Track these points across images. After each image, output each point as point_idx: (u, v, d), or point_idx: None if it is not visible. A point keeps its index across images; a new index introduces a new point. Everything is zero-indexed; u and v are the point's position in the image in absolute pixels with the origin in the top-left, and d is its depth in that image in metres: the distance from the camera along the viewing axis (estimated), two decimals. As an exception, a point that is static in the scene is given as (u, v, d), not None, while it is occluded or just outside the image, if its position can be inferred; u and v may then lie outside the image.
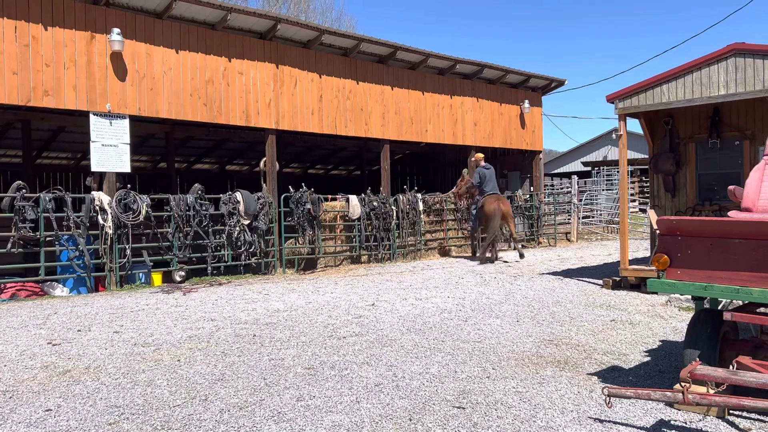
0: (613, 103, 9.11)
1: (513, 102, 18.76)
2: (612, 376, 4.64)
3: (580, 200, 22.45)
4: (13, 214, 9.36)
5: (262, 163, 13.32)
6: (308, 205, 12.68)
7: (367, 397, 4.15)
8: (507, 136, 18.63)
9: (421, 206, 15.21)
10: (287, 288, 9.97)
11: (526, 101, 18.87)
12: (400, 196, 14.92)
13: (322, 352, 5.42)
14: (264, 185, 13.05)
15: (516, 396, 4.15)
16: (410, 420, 3.73)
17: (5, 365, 5.15)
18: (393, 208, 14.54)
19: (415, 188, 15.98)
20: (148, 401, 4.17)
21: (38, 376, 4.83)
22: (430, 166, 24.38)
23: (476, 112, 17.62)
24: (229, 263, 11.80)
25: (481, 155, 14.17)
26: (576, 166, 37.68)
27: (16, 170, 17.22)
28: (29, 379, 4.75)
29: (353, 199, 13.86)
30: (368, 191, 14.43)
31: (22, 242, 9.45)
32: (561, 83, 19.86)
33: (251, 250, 12.02)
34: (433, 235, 15.81)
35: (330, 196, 13.97)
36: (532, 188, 19.68)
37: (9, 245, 9.24)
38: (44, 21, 9.96)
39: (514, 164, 20.96)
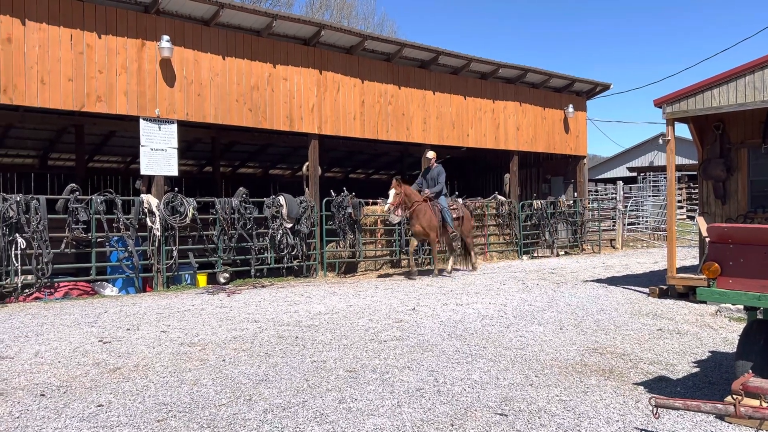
0: (661, 107, 8.91)
1: (557, 106, 18.53)
2: (659, 386, 4.53)
3: (626, 206, 21.99)
4: (66, 216, 9.70)
5: (304, 168, 13.48)
6: (349, 209, 12.76)
7: (408, 402, 4.16)
8: (550, 141, 18.41)
9: (462, 211, 15.11)
10: (328, 291, 10.06)
11: (570, 106, 18.61)
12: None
13: (364, 356, 5.45)
14: (306, 189, 13.20)
15: (560, 404, 4.10)
16: (452, 425, 3.72)
17: (59, 361, 5.34)
18: (434, 212, 14.49)
19: (456, 193, 15.90)
20: (194, 400, 4.26)
21: (90, 372, 4.99)
22: (470, 170, 24.25)
23: (519, 116, 17.46)
24: (271, 266, 11.97)
25: (432, 153, 12.73)
26: (621, 171, 36.91)
27: (70, 173, 17.84)
28: (82, 375, 4.91)
29: (394, 203, 13.87)
30: (409, 196, 14.42)
31: (74, 243, 9.79)
32: (606, 87, 19.52)
33: (293, 253, 12.16)
34: (473, 240, 15.69)
35: (371, 201, 14.03)
36: (575, 194, 19.36)
37: (63, 245, 9.59)
38: (98, 29, 10.31)
39: (557, 169, 20.68)
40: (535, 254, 16.79)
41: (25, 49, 9.66)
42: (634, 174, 32.82)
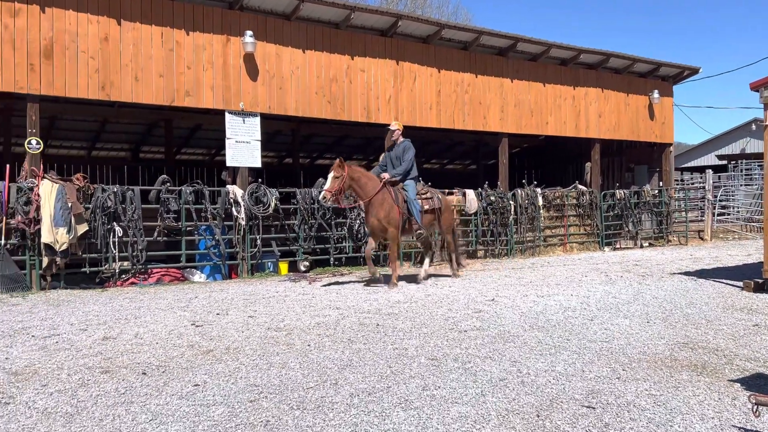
0: (757, 91, 8.40)
1: (641, 92, 17.80)
2: (757, 384, 4.32)
3: (715, 196, 20.89)
4: (158, 206, 10.23)
5: (381, 159, 13.58)
6: (426, 200, 12.76)
7: (492, 391, 4.16)
8: (634, 128, 17.73)
9: (540, 201, 14.86)
10: (405, 280, 10.13)
11: (656, 91, 17.83)
12: (519, 191, 14.66)
13: (444, 344, 5.48)
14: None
15: (649, 399, 3.99)
16: (538, 416, 3.70)
17: (157, 342, 5.67)
18: (511, 203, 14.32)
19: (534, 183, 15.63)
20: (283, 382, 4.43)
21: (185, 354, 5.27)
22: (549, 159, 23.72)
23: (601, 103, 16.91)
24: (350, 254, 12.18)
25: (396, 124, 10.11)
26: (709, 159, 35.03)
27: (159, 165, 18.76)
28: (178, 356, 5.19)
29: (470, 193, 13.81)
30: (485, 186, 14.31)
31: (166, 231, 10.32)
32: (694, 71, 18.56)
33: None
34: (552, 231, 15.40)
35: (447, 191, 14.00)
36: (661, 183, 18.59)
37: (155, 234, 10.13)
38: (186, 27, 10.77)
39: (641, 158, 19.90)
40: (618, 246, 16.27)
41: (121, 48, 10.23)
42: (724, 162, 31.10)
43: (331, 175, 8.91)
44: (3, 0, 9.36)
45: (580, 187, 16.17)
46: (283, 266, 11.62)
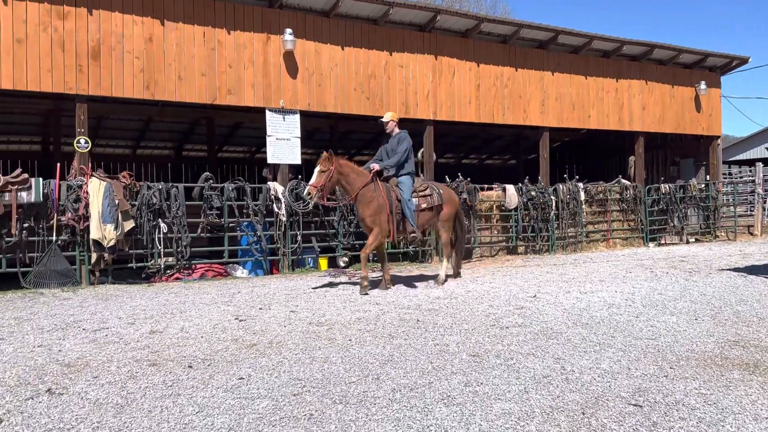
0: (813, 80, 8.07)
1: (687, 83, 17.32)
2: (814, 384, 4.17)
3: (766, 190, 20.18)
4: (201, 202, 10.43)
5: (419, 154, 13.57)
6: (464, 195, 12.71)
7: (535, 388, 4.12)
8: (679, 121, 17.26)
9: (582, 196, 14.61)
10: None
11: (702, 82, 17.31)
12: (560, 186, 14.44)
13: (486, 341, 5.44)
14: (421, 175, 13.29)
15: (699, 398, 3.88)
16: (583, 414, 3.64)
17: (202, 336, 5.78)
18: (552, 198, 14.12)
19: (576, 177, 15.36)
20: (325, 376, 4.47)
21: (230, 347, 5.36)
22: (591, 153, 23.28)
23: (645, 95, 16.51)
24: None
25: (389, 115, 9.26)
26: (759, 152, 33.82)
27: (202, 163, 19.11)
28: (222, 350, 5.29)
29: (510, 188, 13.66)
30: (526, 181, 14.14)
31: (209, 227, 10.51)
32: (744, 61, 17.95)
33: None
34: (595, 226, 15.13)
35: (486, 186, 13.89)
36: (708, 177, 18.07)
37: (199, 230, 10.33)
38: (227, 26, 10.93)
39: (687, 151, 19.36)
40: (663, 241, 15.88)
41: (164, 48, 10.44)
42: (776, 155, 30.01)
43: (317, 170, 8.24)
44: (52, 3, 9.65)
45: (624, 181, 15.83)
46: (323, 262, 11.71)
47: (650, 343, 5.29)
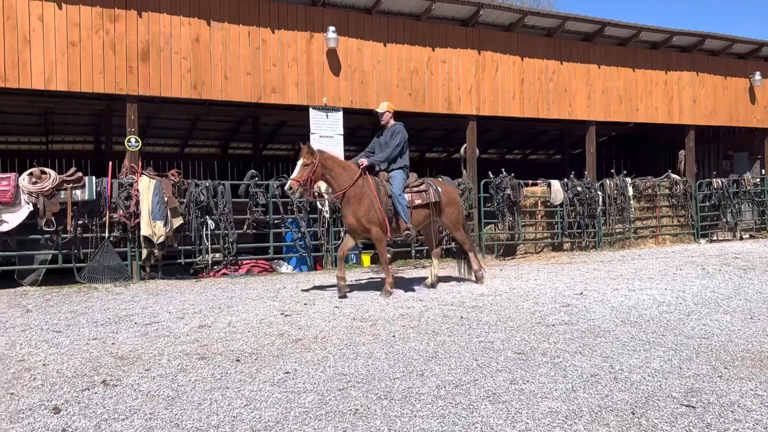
0: None
1: (740, 74, 16.70)
2: None
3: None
4: (247, 199, 10.61)
5: (462, 150, 13.49)
6: (508, 191, 12.58)
7: (583, 387, 4.05)
8: (732, 113, 16.66)
9: (630, 191, 14.26)
10: (489, 273, 10.01)
11: (757, 73, 16.66)
12: (607, 181, 14.13)
13: (532, 338, 5.38)
14: (464, 171, 13.21)
15: (755, 399, 3.76)
16: (633, 414, 3.57)
17: (249, 331, 5.89)
18: (599, 193, 13.84)
19: (624, 172, 15.01)
20: (370, 372, 4.49)
21: (276, 342, 5.44)
22: (638, 147, 22.70)
23: (695, 87, 16.00)
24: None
25: (385, 105, 8.62)
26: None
27: (247, 161, 19.42)
28: (269, 344, 5.37)
29: (555, 184, 13.45)
30: (571, 176, 13.90)
31: (254, 224, 10.68)
32: (802, 49, 17.19)
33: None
34: (644, 222, 14.76)
35: (530, 181, 13.70)
36: (763, 171, 17.40)
37: (245, 227, 10.51)
38: (271, 25, 11.07)
39: (741, 144, 18.68)
40: (715, 237, 15.39)
41: (211, 48, 10.64)
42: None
43: (300, 162, 7.69)
44: (104, 6, 9.95)
45: (673, 176, 15.39)
46: (366, 258, 11.76)
47: (703, 342, 5.14)
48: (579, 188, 13.59)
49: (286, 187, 7.77)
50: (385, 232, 7.89)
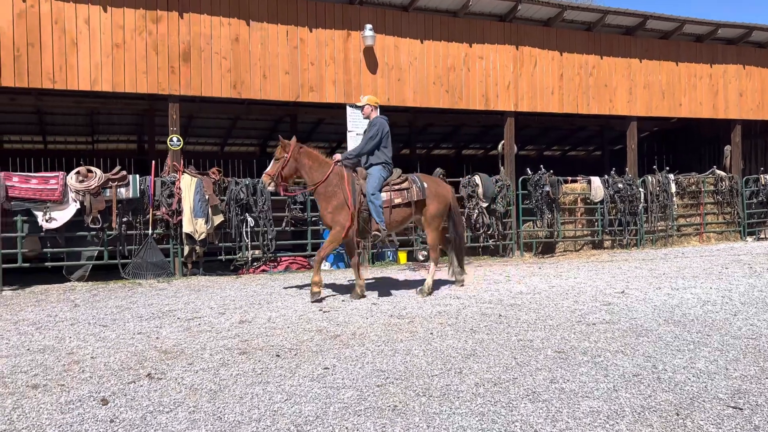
0: None
1: (790, 66, 16.13)
2: None
3: None
4: (286, 197, 10.72)
5: (500, 146, 13.37)
6: (547, 188, 12.43)
7: (625, 387, 3.99)
8: (782, 107, 16.10)
9: (673, 188, 13.94)
10: (527, 271, 9.92)
11: (808, 64, 16.07)
12: (649, 178, 13.84)
13: (572, 337, 5.32)
14: (501, 168, 13.10)
15: (807, 403, 3.64)
16: (677, 415, 3.50)
17: (288, 327, 5.97)
18: (641, 190, 13.56)
19: (666, 168, 14.67)
20: (408, 369, 4.50)
21: (315, 338, 5.50)
22: (681, 143, 22.13)
23: (742, 80, 15.52)
24: (468, 244, 12.09)
25: (366, 98, 8.25)
26: None
27: (285, 158, 19.58)
28: (308, 340, 5.43)
29: (596, 180, 13.24)
30: (612, 172, 13.65)
31: (293, 221, 10.80)
32: None
33: (489, 232, 12.19)
34: (687, 219, 14.40)
35: (569, 178, 13.51)
36: (814, 166, 16.79)
37: (283, 224, 10.64)
38: (309, 24, 11.16)
39: (790, 139, 18.06)
40: (762, 236, 14.93)
41: (250, 47, 10.79)
42: None
43: (274, 158, 7.70)
44: (147, 9, 10.18)
45: (718, 172, 14.98)
46: (402, 256, 11.78)
47: (750, 342, 5.00)
48: (620, 185, 13.35)
49: (261, 179, 7.31)
50: (356, 233, 7.58)
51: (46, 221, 9.07)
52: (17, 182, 9.03)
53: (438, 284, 8.41)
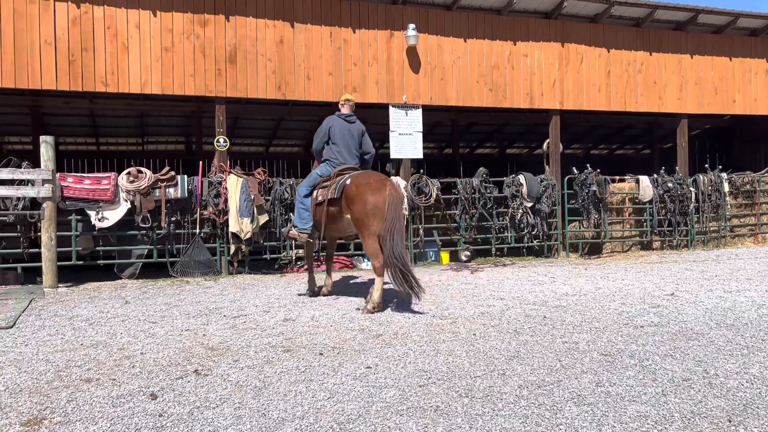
0: None
1: None
2: None
3: None
4: (328, 197, 10.82)
5: (545, 145, 13.18)
6: (593, 187, 12.19)
7: (674, 391, 3.88)
8: None
9: (726, 187, 13.49)
10: (573, 272, 9.76)
11: None
12: (701, 176, 13.43)
13: (618, 340, 5.20)
14: (547, 167, 12.91)
15: None
16: (729, 421, 3.38)
17: (331, 325, 6.02)
18: (691, 189, 13.17)
19: (719, 167, 14.20)
20: (450, 369, 4.48)
21: (357, 337, 5.53)
22: (735, 141, 21.37)
23: (801, 75, 14.89)
24: (511, 245, 11.99)
25: (346, 96, 7.88)
26: None
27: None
28: (350, 339, 5.47)
29: (644, 180, 12.92)
30: (661, 171, 13.29)
31: (335, 221, 10.87)
32: None
33: (534, 232, 12.03)
34: (741, 220, 13.91)
35: (617, 177, 13.21)
36: None
37: (326, 223, 10.72)
38: (352, 25, 11.23)
39: None
40: (823, 237, 14.29)
41: (294, 49, 10.92)
42: None
43: None
44: (195, 12, 10.42)
45: (775, 171, 14.42)
46: (445, 256, 11.73)
47: (809, 349, 4.80)
48: (670, 184, 12.99)
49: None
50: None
51: (99, 220, 9.38)
52: (72, 182, 9.36)
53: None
